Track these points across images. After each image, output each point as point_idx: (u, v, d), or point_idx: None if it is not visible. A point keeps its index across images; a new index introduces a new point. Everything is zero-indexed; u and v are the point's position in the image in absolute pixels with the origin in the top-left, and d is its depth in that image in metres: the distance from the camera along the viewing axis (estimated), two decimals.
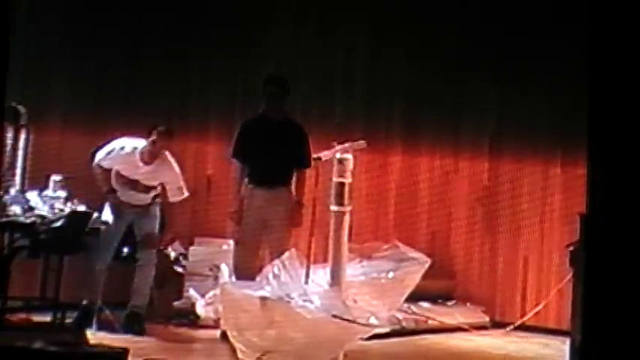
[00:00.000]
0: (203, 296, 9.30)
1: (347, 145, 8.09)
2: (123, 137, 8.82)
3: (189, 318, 9.24)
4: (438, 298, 10.01)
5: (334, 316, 7.52)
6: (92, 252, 8.60)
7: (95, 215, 8.63)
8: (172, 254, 9.71)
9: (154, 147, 8.64)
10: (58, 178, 8.77)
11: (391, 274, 8.07)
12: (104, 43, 9.94)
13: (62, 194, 8.66)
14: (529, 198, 10.12)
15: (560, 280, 9.35)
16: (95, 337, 7.76)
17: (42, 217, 8.31)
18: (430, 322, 9.56)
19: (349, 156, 8.01)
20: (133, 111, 9.79)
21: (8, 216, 8.25)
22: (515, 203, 10.17)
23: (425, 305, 9.69)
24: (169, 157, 8.78)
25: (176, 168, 8.82)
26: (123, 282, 8.88)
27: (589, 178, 4.36)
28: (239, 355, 7.63)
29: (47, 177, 8.81)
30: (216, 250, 9.69)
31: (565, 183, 9.89)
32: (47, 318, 8.32)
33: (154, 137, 8.61)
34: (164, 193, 8.80)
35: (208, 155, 10.60)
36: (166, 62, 10.22)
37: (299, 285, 7.78)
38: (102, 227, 8.64)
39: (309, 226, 8.35)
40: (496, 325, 9.92)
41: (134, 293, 8.74)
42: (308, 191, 8.65)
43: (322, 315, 7.52)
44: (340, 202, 7.97)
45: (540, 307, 9.79)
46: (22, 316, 8.34)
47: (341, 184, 7.97)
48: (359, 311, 7.70)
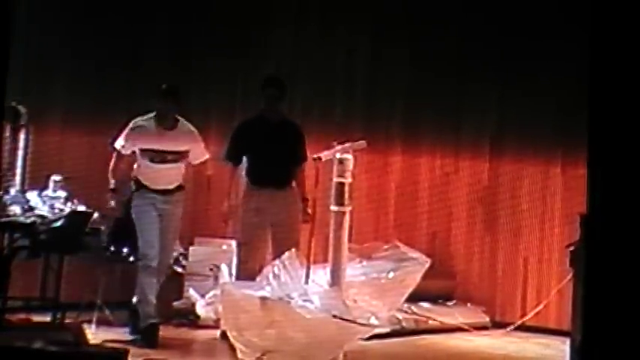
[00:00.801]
0: (203, 296, 9.30)
1: (347, 145, 8.09)
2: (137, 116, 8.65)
3: (189, 318, 9.25)
4: (438, 299, 10.01)
5: (334, 316, 7.52)
6: (136, 252, 8.48)
7: (95, 215, 8.62)
8: (172, 254, 9.70)
9: (164, 106, 8.48)
10: (58, 178, 8.76)
11: (391, 274, 8.07)
12: (104, 43, 9.94)
13: (62, 194, 8.66)
14: (529, 198, 10.12)
15: (560, 281, 9.35)
16: (95, 337, 7.78)
17: (42, 217, 8.30)
18: (430, 323, 9.56)
19: (349, 156, 8.01)
20: (133, 111, 9.76)
21: (8, 216, 8.24)
22: (515, 203, 10.17)
23: (425, 305, 9.68)
24: (185, 121, 8.64)
25: (195, 129, 8.69)
26: (123, 282, 8.88)
27: (589, 178, 4.36)
28: (239, 355, 7.63)
29: (47, 177, 8.80)
30: (216, 250, 9.69)
31: (565, 183, 9.89)
32: (47, 318, 8.31)
33: (161, 100, 8.48)
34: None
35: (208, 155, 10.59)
36: (166, 62, 10.22)
37: (299, 285, 7.78)
38: (136, 223, 8.44)
39: (309, 226, 8.36)
40: (496, 326, 9.92)
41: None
42: (308, 191, 8.65)
43: (322, 315, 7.52)
44: (340, 202, 7.97)
45: (540, 308, 9.78)
46: (22, 316, 8.33)
47: (341, 184, 7.97)
48: (359, 311, 7.70)
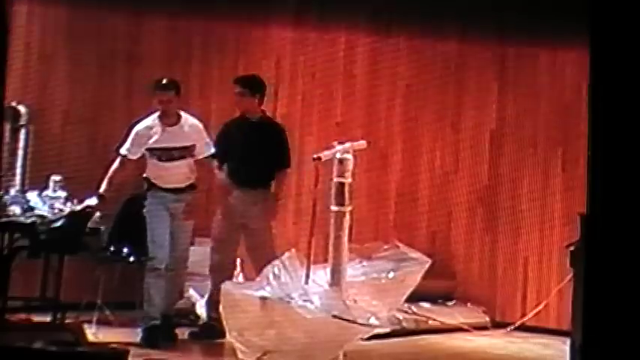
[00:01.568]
0: (203, 296, 9.29)
1: (347, 145, 8.09)
2: (139, 122, 8.58)
3: (189, 318, 9.24)
4: (438, 299, 10.00)
5: (334, 316, 7.52)
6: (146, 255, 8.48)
7: (96, 215, 8.61)
8: None
9: (163, 101, 8.46)
10: (58, 178, 8.75)
11: (391, 275, 8.07)
12: (104, 43, 9.94)
13: (62, 194, 8.65)
14: (529, 198, 10.11)
15: (560, 281, 9.35)
16: (95, 337, 7.78)
17: (42, 217, 8.30)
18: (430, 323, 9.55)
19: (349, 156, 8.01)
20: (133, 111, 9.78)
21: (8, 216, 8.24)
22: (515, 203, 10.16)
23: (425, 305, 9.68)
24: (188, 115, 8.61)
25: (199, 123, 8.64)
26: (123, 282, 8.88)
27: (589, 178, 4.35)
28: (239, 355, 7.63)
29: (47, 177, 8.79)
30: None
31: (565, 183, 9.89)
32: (47, 318, 8.31)
33: (162, 91, 8.45)
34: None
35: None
36: (166, 62, 10.21)
37: (299, 285, 7.78)
38: (147, 222, 8.44)
39: (309, 226, 8.36)
40: (496, 326, 9.91)
41: (169, 300, 8.55)
42: (308, 191, 8.65)
43: (322, 315, 7.52)
44: (340, 202, 7.97)
45: (541, 308, 9.78)
46: (22, 316, 8.33)
47: (341, 184, 7.97)
48: (359, 311, 7.70)
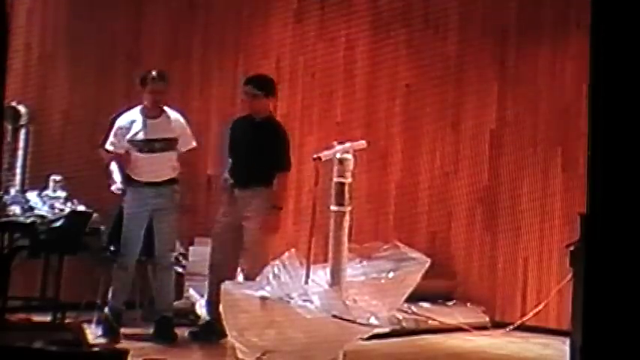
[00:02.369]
0: (203, 296, 9.29)
1: (347, 145, 8.09)
2: (120, 116, 8.60)
3: (189, 318, 9.24)
4: (438, 298, 10.00)
5: (334, 316, 7.52)
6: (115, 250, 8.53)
7: (95, 215, 8.63)
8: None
9: (158, 91, 8.48)
10: (58, 178, 8.76)
11: (391, 274, 8.07)
12: (104, 43, 9.95)
13: (62, 194, 8.66)
14: (529, 198, 10.12)
15: (560, 280, 9.34)
16: (95, 337, 7.79)
17: (42, 217, 8.31)
18: (430, 322, 9.55)
19: (349, 156, 8.01)
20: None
21: (8, 216, 8.24)
22: (515, 203, 10.17)
23: (425, 305, 9.68)
24: (170, 109, 8.62)
25: (181, 117, 8.67)
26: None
27: (589, 178, 4.35)
28: (239, 355, 7.63)
29: (47, 177, 8.80)
30: None
31: (565, 183, 9.89)
32: (47, 318, 8.31)
33: (156, 83, 8.47)
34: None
35: (208, 155, 10.60)
36: (166, 61, 10.22)
37: (299, 285, 7.78)
38: (124, 218, 8.44)
39: (309, 226, 8.36)
40: (496, 326, 9.92)
41: (160, 296, 8.62)
42: (308, 191, 8.64)
43: (322, 315, 7.52)
44: (340, 202, 7.97)
45: (541, 308, 9.78)
46: (22, 316, 8.32)
47: (341, 184, 7.97)
48: (359, 311, 7.70)
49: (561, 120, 9.90)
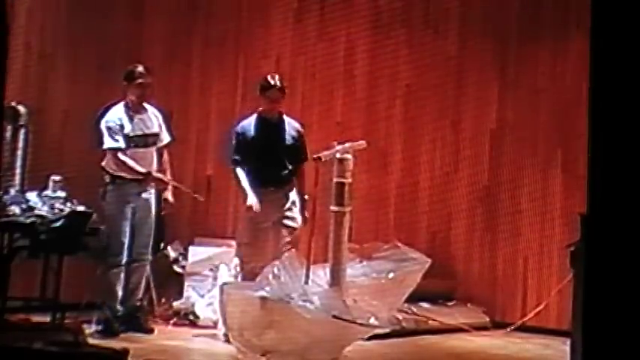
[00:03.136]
0: (203, 296, 9.30)
1: (347, 145, 8.10)
2: (104, 116, 8.66)
3: (189, 318, 9.24)
4: (439, 299, 9.99)
5: (334, 316, 7.52)
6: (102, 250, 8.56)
7: (95, 215, 8.62)
8: (172, 254, 9.70)
9: (146, 85, 8.56)
10: (58, 178, 8.75)
11: (391, 275, 8.08)
12: (104, 43, 9.94)
13: (62, 194, 8.65)
14: (529, 198, 10.11)
15: (560, 281, 9.34)
16: (95, 338, 7.79)
17: (42, 217, 8.30)
18: (430, 323, 9.54)
19: (349, 156, 8.01)
20: None
21: (8, 216, 8.24)
22: (515, 203, 10.16)
23: (425, 305, 9.67)
24: (148, 105, 8.74)
25: (156, 111, 8.76)
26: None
27: (589, 178, 4.35)
28: (239, 356, 7.64)
29: (47, 177, 8.79)
30: (216, 250, 9.68)
31: (565, 183, 9.89)
32: (47, 318, 8.31)
33: (142, 77, 8.53)
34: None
35: (208, 155, 10.60)
36: (166, 62, 10.22)
37: (299, 285, 7.79)
38: (107, 218, 8.49)
39: (309, 226, 8.36)
40: (497, 326, 9.91)
41: (135, 293, 8.69)
42: (308, 191, 8.64)
43: (322, 315, 7.52)
44: (340, 202, 7.97)
45: (541, 308, 9.78)
46: (22, 316, 8.32)
47: (341, 184, 7.97)
48: (359, 311, 7.70)
49: (561, 120, 9.90)
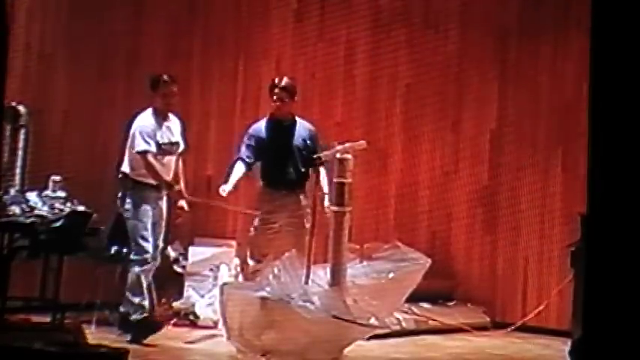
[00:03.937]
0: (203, 296, 9.30)
1: (347, 145, 8.10)
2: (134, 120, 8.58)
3: (189, 318, 9.24)
4: (439, 299, 9.99)
5: (334, 317, 7.53)
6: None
7: (95, 215, 8.61)
8: (172, 254, 9.70)
9: (172, 94, 8.50)
10: (58, 178, 8.75)
11: (391, 275, 8.08)
12: (104, 43, 9.94)
13: (62, 194, 8.65)
14: (529, 198, 10.11)
15: (560, 281, 9.34)
16: (95, 338, 7.78)
17: (42, 217, 8.30)
18: (430, 323, 9.55)
19: (349, 156, 8.01)
20: (133, 111, 9.77)
21: (8, 216, 8.24)
22: (515, 203, 10.16)
23: (425, 306, 9.67)
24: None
25: (176, 119, 8.72)
26: (123, 282, 8.87)
27: (589, 178, 4.35)
28: (239, 356, 7.64)
29: (47, 177, 8.79)
30: (216, 250, 9.68)
31: (565, 183, 9.88)
32: (47, 318, 8.31)
33: (169, 86, 8.48)
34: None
35: (208, 155, 10.60)
36: (166, 62, 10.22)
37: (299, 285, 7.79)
38: (131, 220, 8.43)
39: (308, 226, 8.36)
40: (497, 326, 9.91)
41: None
42: (308, 190, 8.65)
43: (322, 315, 7.52)
44: (340, 202, 7.97)
45: (541, 308, 9.77)
46: (22, 317, 8.33)
47: (341, 184, 7.97)
48: (359, 311, 7.70)
49: (561, 120, 9.90)
